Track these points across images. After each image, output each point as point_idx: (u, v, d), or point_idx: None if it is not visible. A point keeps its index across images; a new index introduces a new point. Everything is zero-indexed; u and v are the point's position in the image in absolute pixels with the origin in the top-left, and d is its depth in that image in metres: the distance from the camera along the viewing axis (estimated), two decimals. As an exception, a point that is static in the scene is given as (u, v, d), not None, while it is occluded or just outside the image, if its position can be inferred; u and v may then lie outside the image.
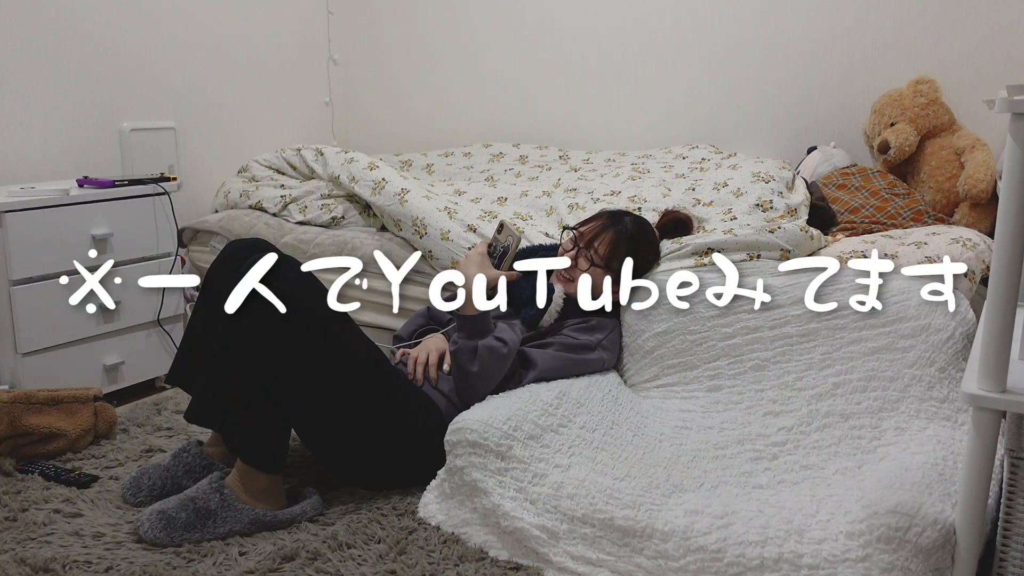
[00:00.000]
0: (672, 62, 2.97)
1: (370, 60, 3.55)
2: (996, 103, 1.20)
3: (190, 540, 1.58)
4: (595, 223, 2.03)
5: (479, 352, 1.78)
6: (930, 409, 1.70)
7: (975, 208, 2.32)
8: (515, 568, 1.51)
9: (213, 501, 1.61)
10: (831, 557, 1.36)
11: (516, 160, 3.04)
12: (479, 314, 1.82)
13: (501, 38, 3.26)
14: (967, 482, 1.30)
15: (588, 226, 2.03)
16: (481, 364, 1.78)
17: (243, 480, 1.64)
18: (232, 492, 1.63)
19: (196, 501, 1.60)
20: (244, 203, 2.82)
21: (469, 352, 1.79)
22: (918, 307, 1.80)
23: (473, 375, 1.78)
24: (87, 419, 2.02)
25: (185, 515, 1.58)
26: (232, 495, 1.62)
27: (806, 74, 2.76)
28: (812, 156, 2.64)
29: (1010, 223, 1.21)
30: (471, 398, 1.78)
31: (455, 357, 1.82)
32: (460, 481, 1.61)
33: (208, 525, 1.59)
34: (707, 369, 1.92)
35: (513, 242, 1.89)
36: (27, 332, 2.16)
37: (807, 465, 1.65)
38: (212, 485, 1.63)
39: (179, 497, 1.62)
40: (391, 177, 2.57)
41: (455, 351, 1.82)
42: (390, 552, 1.54)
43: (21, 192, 2.21)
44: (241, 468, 1.64)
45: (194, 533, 1.58)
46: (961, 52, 2.53)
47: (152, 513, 1.59)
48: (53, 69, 2.53)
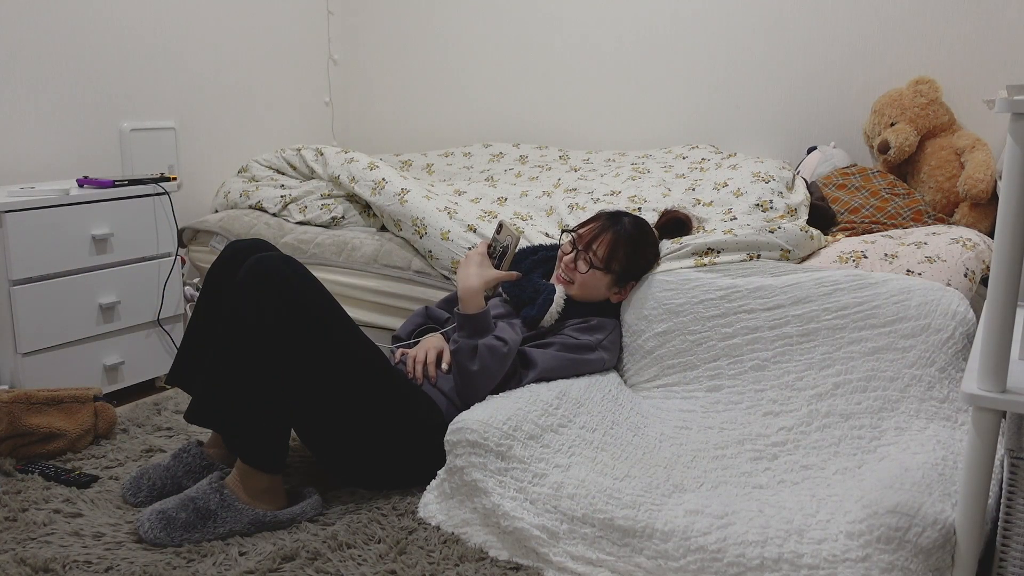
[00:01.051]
0: (672, 62, 2.97)
1: (370, 60, 3.55)
2: (996, 103, 1.20)
3: (190, 540, 1.58)
4: (594, 224, 2.02)
5: (479, 351, 1.78)
6: (930, 409, 1.70)
7: (975, 208, 2.32)
8: (515, 568, 1.51)
9: (213, 501, 1.61)
10: (831, 557, 1.36)
11: (516, 160, 3.04)
12: (479, 313, 1.82)
13: (501, 38, 3.26)
14: (967, 482, 1.30)
15: (587, 228, 2.02)
16: (481, 363, 1.78)
17: (243, 480, 1.64)
18: (232, 492, 1.62)
19: (196, 501, 1.60)
20: (244, 203, 2.82)
21: (469, 351, 1.79)
22: (918, 307, 1.80)
23: (473, 374, 1.78)
24: (87, 419, 2.02)
25: (185, 515, 1.58)
26: (232, 495, 1.62)
27: (806, 74, 2.76)
28: (812, 156, 2.64)
29: (1010, 223, 1.21)
30: (471, 397, 1.78)
31: (455, 356, 1.82)
32: (460, 481, 1.61)
33: (208, 525, 1.59)
34: (707, 369, 1.92)
35: (512, 242, 1.89)
36: (27, 332, 2.16)
37: (807, 465, 1.65)
38: (212, 485, 1.63)
39: (179, 497, 1.62)
40: (391, 177, 2.57)
41: (455, 350, 1.82)
42: (390, 552, 1.54)
43: (21, 192, 2.21)
44: (241, 468, 1.64)
45: (194, 533, 1.58)
46: (961, 52, 2.53)
47: (152, 513, 1.59)
48: (53, 69, 2.53)
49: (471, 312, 1.83)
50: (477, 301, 1.85)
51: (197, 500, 1.61)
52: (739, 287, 1.95)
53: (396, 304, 2.43)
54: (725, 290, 1.95)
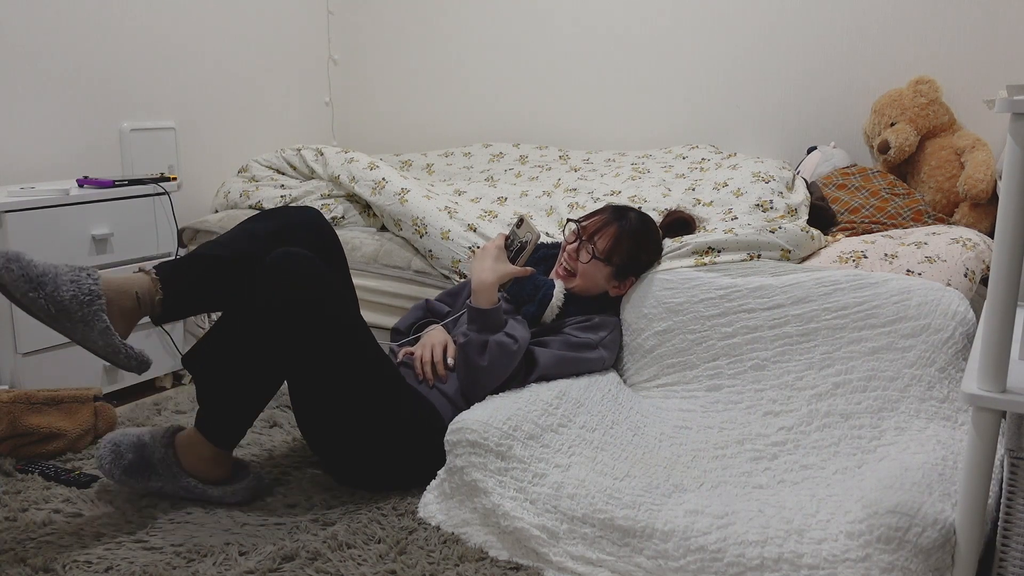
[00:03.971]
0: (672, 62, 2.97)
1: (370, 60, 3.55)
2: (996, 103, 1.20)
3: (128, 484, 1.65)
4: (599, 217, 2.02)
5: (489, 347, 1.76)
6: (930, 409, 1.70)
7: (975, 208, 2.32)
8: (515, 568, 1.51)
9: (157, 453, 1.65)
10: (831, 557, 1.36)
11: (516, 160, 3.04)
12: (492, 308, 1.80)
13: (501, 38, 3.26)
14: (967, 482, 1.30)
15: (592, 220, 2.02)
16: (491, 359, 1.76)
17: (191, 441, 1.67)
18: (176, 452, 1.66)
19: (144, 448, 1.65)
20: (244, 203, 2.81)
21: (479, 346, 1.77)
22: (918, 307, 1.80)
23: (481, 369, 1.77)
24: (87, 419, 2.02)
25: (131, 456, 1.64)
26: (173, 456, 1.66)
27: (806, 74, 2.76)
28: (812, 156, 2.64)
29: (1010, 223, 1.21)
30: (475, 392, 1.78)
31: (463, 349, 1.79)
32: (460, 481, 1.61)
33: (146, 475, 1.65)
34: (707, 369, 1.92)
35: (532, 239, 1.87)
36: (27, 332, 2.16)
37: (807, 465, 1.65)
38: (163, 438, 1.67)
39: (134, 435, 1.67)
40: (391, 177, 2.57)
41: (464, 343, 1.79)
42: (390, 552, 1.54)
43: (21, 192, 2.21)
44: (191, 431, 1.68)
45: (132, 479, 1.64)
46: (961, 52, 2.53)
47: (109, 442, 1.65)
48: (53, 69, 2.53)
49: (484, 307, 1.80)
50: (491, 296, 1.82)
51: (145, 448, 1.65)
52: (739, 286, 1.95)
53: (396, 304, 2.43)
54: (725, 289, 1.95)
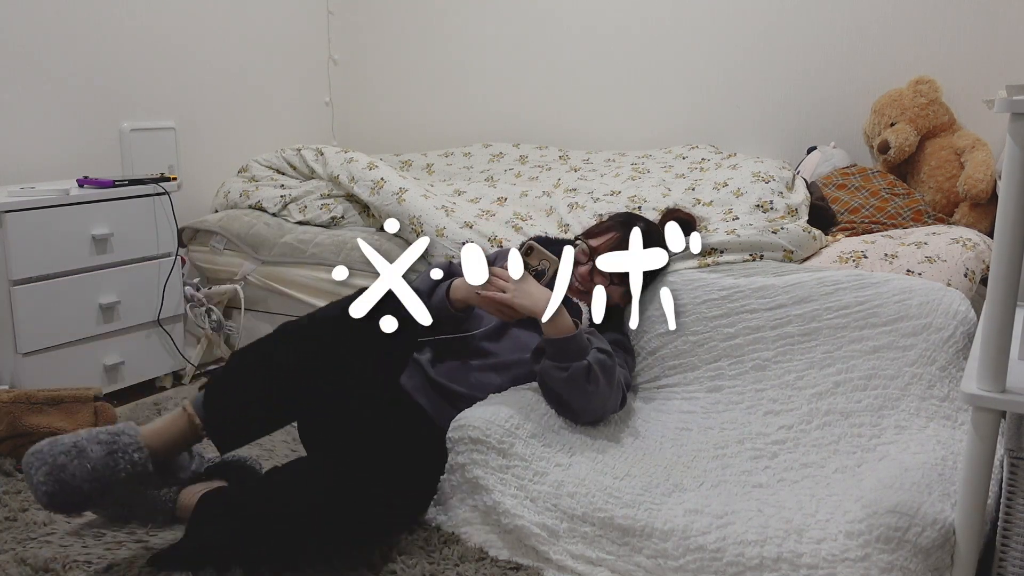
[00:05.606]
0: (672, 62, 2.97)
1: (370, 60, 3.55)
2: (996, 103, 1.20)
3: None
4: (608, 237, 1.94)
5: (592, 370, 1.65)
6: (930, 408, 1.70)
7: (975, 208, 2.32)
8: (515, 568, 1.51)
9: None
10: (830, 557, 1.36)
11: (516, 160, 3.04)
12: (577, 332, 1.67)
13: (501, 38, 3.26)
14: (967, 482, 1.30)
15: (601, 240, 1.94)
16: (604, 378, 1.66)
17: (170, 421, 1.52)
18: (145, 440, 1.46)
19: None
20: (244, 203, 2.82)
21: (584, 373, 1.65)
22: (919, 306, 1.80)
23: (596, 393, 1.67)
24: (87, 419, 2.01)
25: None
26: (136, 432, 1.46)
27: (806, 74, 2.76)
28: (812, 156, 2.64)
29: (1010, 223, 1.21)
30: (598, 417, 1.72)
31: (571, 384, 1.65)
32: (461, 478, 1.61)
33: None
34: (708, 370, 1.92)
35: (551, 268, 1.76)
36: (27, 332, 2.16)
37: (807, 463, 1.65)
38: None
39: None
40: (390, 177, 2.57)
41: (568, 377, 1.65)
42: (390, 552, 1.54)
43: (21, 192, 2.21)
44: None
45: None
46: (961, 52, 2.54)
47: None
48: (53, 69, 2.53)
49: (568, 334, 1.66)
50: (567, 320, 1.67)
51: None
52: (741, 287, 1.95)
53: (396, 304, 2.43)
54: (728, 290, 1.95)
